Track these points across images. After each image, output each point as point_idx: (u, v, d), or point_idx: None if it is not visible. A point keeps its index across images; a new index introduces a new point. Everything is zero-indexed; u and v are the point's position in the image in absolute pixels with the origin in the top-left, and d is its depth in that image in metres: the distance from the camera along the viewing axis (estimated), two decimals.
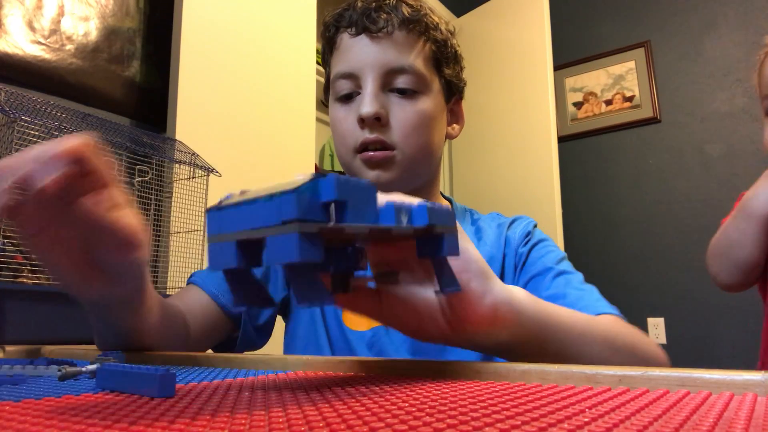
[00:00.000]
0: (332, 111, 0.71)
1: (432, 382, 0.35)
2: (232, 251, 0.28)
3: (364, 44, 0.67)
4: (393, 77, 0.66)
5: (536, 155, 2.60)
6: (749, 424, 0.20)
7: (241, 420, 0.21)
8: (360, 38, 0.67)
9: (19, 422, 0.21)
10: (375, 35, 0.66)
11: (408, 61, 0.66)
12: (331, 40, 0.71)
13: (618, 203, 2.83)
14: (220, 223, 0.28)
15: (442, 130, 0.73)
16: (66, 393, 0.29)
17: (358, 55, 0.67)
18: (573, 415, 0.22)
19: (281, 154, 1.74)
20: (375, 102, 0.65)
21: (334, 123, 0.70)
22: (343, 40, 0.69)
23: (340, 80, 0.68)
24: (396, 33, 0.66)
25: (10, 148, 0.91)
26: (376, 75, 0.66)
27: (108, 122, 1.12)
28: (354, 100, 0.68)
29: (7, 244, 0.88)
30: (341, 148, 0.70)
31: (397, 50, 0.66)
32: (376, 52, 0.66)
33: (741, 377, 0.30)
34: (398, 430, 0.19)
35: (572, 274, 0.65)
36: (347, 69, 0.67)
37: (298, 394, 0.29)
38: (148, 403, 0.25)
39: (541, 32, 2.65)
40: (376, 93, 0.65)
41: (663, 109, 2.78)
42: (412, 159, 0.67)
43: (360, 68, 0.66)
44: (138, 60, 1.53)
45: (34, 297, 0.83)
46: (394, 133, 0.66)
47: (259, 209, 0.27)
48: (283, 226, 0.26)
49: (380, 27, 0.66)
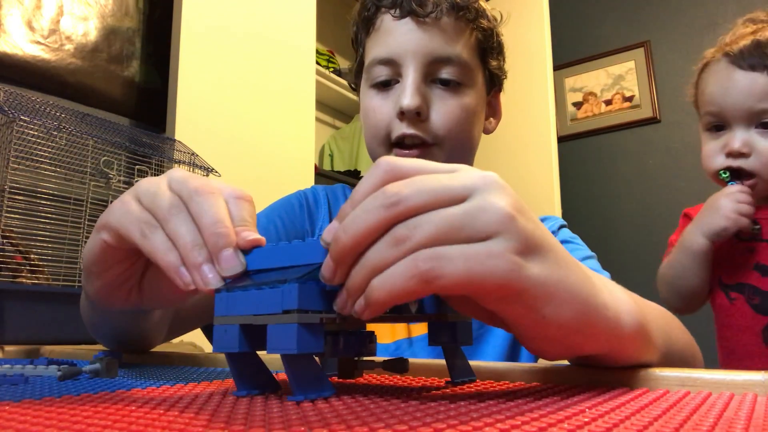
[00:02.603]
0: (365, 98, 0.66)
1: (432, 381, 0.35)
2: (235, 334, 0.28)
3: (408, 29, 0.61)
4: (437, 67, 0.61)
5: (536, 155, 2.60)
6: (749, 424, 0.20)
7: (240, 420, 0.21)
8: (404, 21, 0.62)
9: (19, 422, 0.21)
10: (421, 20, 0.61)
11: (455, 51, 0.61)
12: (369, 20, 0.65)
13: (618, 203, 2.83)
14: (227, 305, 0.28)
15: (482, 124, 0.68)
16: (66, 393, 0.29)
17: (400, 40, 0.61)
18: (573, 415, 0.22)
19: (281, 154, 1.74)
20: (417, 95, 0.60)
21: (366, 111, 0.65)
22: (384, 21, 0.63)
23: (378, 66, 0.63)
24: (444, 19, 0.61)
25: (9, 148, 0.91)
26: (420, 64, 0.61)
27: (107, 122, 1.12)
28: (392, 88, 0.63)
29: (7, 244, 0.88)
30: (372, 140, 0.65)
31: (444, 38, 0.61)
32: (422, 38, 0.61)
33: (741, 377, 0.30)
34: (398, 430, 0.19)
35: (600, 272, 0.64)
36: (388, 54, 0.62)
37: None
38: (148, 403, 0.25)
39: (540, 32, 2.64)
40: (419, 84, 0.60)
41: (663, 109, 2.78)
42: (451, 156, 0.62)
43: (402, 55, 0.61)
44: (137, 60, 1.53)
45: (34, 297, 0.83)
46: (435, 127, 0.61)
47: (264, 295, 0.27)
48: (283, 315, 0.26)
49: (428, 11, 0.60)
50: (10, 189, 0.90)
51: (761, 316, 0.83)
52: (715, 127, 0.87)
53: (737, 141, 0.83)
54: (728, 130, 0.85)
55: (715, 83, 0.86)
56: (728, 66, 0.84)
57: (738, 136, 0.83)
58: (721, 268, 0.87)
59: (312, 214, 0.70)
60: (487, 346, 0.65)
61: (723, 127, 0.86)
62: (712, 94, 0.86)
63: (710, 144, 0.88)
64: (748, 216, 0.81)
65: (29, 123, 0.93)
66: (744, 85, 0.82)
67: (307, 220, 0.70)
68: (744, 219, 0.81)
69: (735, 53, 0.82)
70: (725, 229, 0.81)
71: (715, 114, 0.86)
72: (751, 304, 0.84)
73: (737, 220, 0.80)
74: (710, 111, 0.86)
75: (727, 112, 0.84)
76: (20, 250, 0.90)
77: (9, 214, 0.91)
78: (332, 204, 0.72)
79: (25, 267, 0.90)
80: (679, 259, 0.87)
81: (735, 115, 0.83)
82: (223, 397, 0.28)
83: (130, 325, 0.47)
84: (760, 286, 0.84)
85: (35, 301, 0.82)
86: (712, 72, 0.87)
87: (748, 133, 0.83)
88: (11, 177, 0.91)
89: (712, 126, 0.87)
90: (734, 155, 0.83)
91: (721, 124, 0.86)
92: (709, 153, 0.88)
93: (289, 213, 0.69)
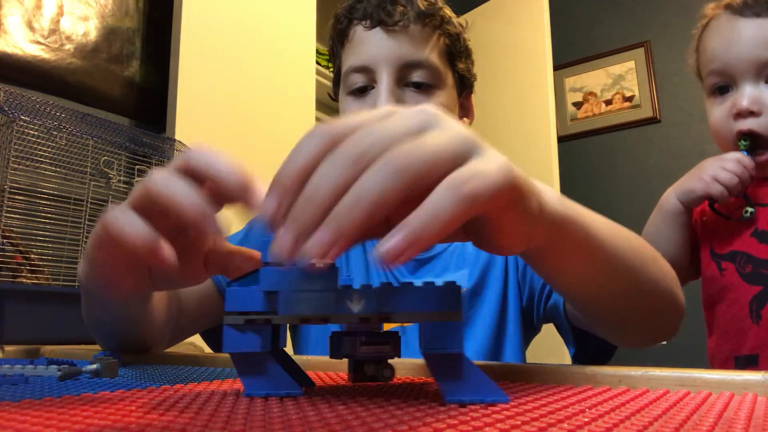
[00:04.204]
0: (344, 105, 0.70)
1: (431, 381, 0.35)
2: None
3: (379, 38, 0.65)
4: (408, 71, 0.65)
5: (536, 155, 2.60)
6: (749, 424, 0.20)
7: (240, 419, 0.21)
8: (375, 31, 0.66)
9: (19, 422, 0.21)
10: (390, 29, 0.65)
11: (424, 55, 0.65)
12: (343, 32, 0.70)
13: (618, 203, 2.83)
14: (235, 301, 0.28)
15: None
16: (66, 393, 0.29)
17: (372, 49, 0.66)
18: (573, 415, 0.22)
19: (281, 154, 1.72)
20: (391, 98, 0.64)
21: None
22: (356, 32, 0.68)
23: (354, 74, 0.67)
24: (412, 26, 0.65)
25: (9, 147, 0.91)
26: (392, 69, 0.65)
27: (107, 122, 1.12)
28: (368, 94, 0.67)
29: (7, 244, 0.88)
30: None
31: (413, 44, 0.65)
32: (392, 45, 0.65)
33: (741, 377, 0.30)
34: (398, 430, 0.19)
35: None
36: (361, 62, 0.66)
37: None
38: (148, 403, 0.25)
39: (540, 32, 2.64)
40: (392, 88, 0.64)
41: (663, 109, 2.78)
42: None
43: (375, 62, 0.65)
44: (137, 60, 1.53)
45: (34, 297, 0.83)
46: None
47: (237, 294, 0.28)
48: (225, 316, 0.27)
49: (396, 20, 0.65)
50: (10, 189, 0.90)
51: (750, 286, 0.74)
52: (719, 89, 0.76)
53: (745, 98, 0.72)
54: (735, 89, 0.75)
55: (718, 37, 0.76)
56: (731, 17, 0.75)
57: (746, 92, 0.73)
58: (714, 237, 0.78)
59: None
60: (475, 329, 0.66)
61: (729, 88, 0.76)
62: (714, 50, 0.76)
63: (717, 110, 0.77)
64: (730, 187, 0.72)
65: (29, 123, 0.93)
66: (749, 34, 0.72)
67: None
68: (717, 186, 0.72)
69: (737, 3, 0.74)
70: (693, 191, 0.74)
71: (719, 71, 0.75)
72: (741, 273, 0.75)
73: (709, 185, 0.72)
74: (713, 69, 0.76)
75: (732, 66, 0.74)
76: (20, 250, 0.90)
77: (9, 214, 0.91)
78: None
79: (25, 267, 0.90)
80: (653, 221, 0.80)
81: (741, 68, 0.73)
82: (223, 397, 0.28)
83: (133, 326, 0.46)
84: (755, 253, 0.75)
85: (35, 301, 0.82)
86: (713, 28, 0.78)
87: (757, 88, 0.73)
88: (11, 177, 0.91)
89: (716, 88, 0.77)
90: (743, 115, 0.73)
91: (726, 84, 0.76)
92: (717, 121, 0.77)
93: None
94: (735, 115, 0.74)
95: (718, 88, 0.76)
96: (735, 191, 0.72)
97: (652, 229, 0.81)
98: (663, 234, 0.79)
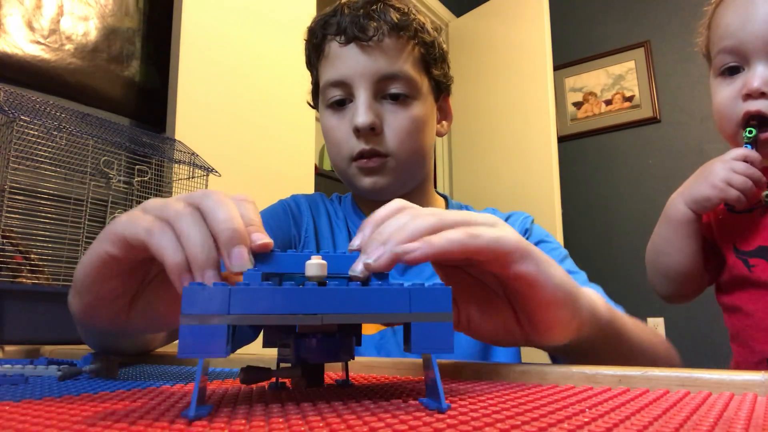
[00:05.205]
0: (324, 118, 0.71)
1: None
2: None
3: (354, 53, 0.66)
4: (385, 84, 0.66)
5: (536, 155, 2.60)
6: (749, 424, 0.20)
7: (240, 420, 0.21)
8: (350, 47, 0.66)
9: (19, 422, 0.21)
10: (365, 44, 0.65)
11: (399, 67, 0.66)
12: (318, 46, 0.71)
13: (618, 203, 2.83)
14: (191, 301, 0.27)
15: (433, 130, 0.73)
16: (66, 393, 0.29)
17: (348, 64, 0.66)
18: (573, 415, 0.22)
19: (281, 153, 1.74)
20: (369, 112, 0.64)
21: (326, 130, 0.70)
22: (331, 47, 0.68)
23: (331, 88, 0.68)
24: (386, 40, 0.66)
25: (9, 147, 0.91)
26: (369, 83, 0.65)
27: (107, 122, 1.12)
28: (346, 107, 0.68)
29: (7, 244, 0.88)
30: (336, 156, 0.70)
31: (388, 57, 0.66)
32: (367, 60, 0.65)
33: (741, 377, 0.30)
34: (398, 430, 0.19)
35: (576, 273, 0.64)
36: (338, 77, 0.67)
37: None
38: (148, 404, 0.25)
39: (540, 32, 2.64)
40: (370, 102, 0.65)
41: (663, 109, 2.78)
42: (406, 163, 0.67)
43: (351, 77, 0.66)
44: (137, 60, 1.53)
45: (34, 297, 0.83)
46: (389, 140, 0.66)
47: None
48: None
49: (370, 35, 0.65)
50: (10, 189, 0.90)
51: None
52: (729, 70, 0.71)
53: (757, 78, 0.67)
54: (747, 69, 0.70)
55: (734, 12, 0.70)
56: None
57: (758, 72, 0.68)
58: (736, 234, 0.73)
59: (297, 219, 0.74)
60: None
61: (739, 69, 0.71)
62: (728, 26, 0.70)
63: (724, 90, 0.72)
64: (743, 190, 0.68)
65: (29, 123, 0.93)
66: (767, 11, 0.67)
67: (293, 226, 0.73)
68: (733, 191, 0.68)
69: None
70: (708, 199, 0.70)
71: (732, 50, 0.70)
72: None
73: (724, 191, 0.68)
74: (725, 47, 0.71)
75: (747, 44, 0.68)
76: (20, 250, 0.90)
77: (9, 214, 0.91)
78: (314, 211, 0.75)
79: (25, 267, 0.90)
80: (660, 232, 0.76)
81: (757, 46, 0.68)
82: (222, 397, 0.28)
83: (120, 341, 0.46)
84: None
85: (35, 301, 0.82)
86: (728, 3, 0.72)
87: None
88: (11, 177, 0.91)
89: (726, 69, 0.72)
90: (754, 96, 0.68)
91: (737, 65, 0.71)
92: (723, 101, 0.72)
93: (277, 220, 0.72)
94: (745, 96, 0.69)
95: (728, 69, 0.71)
96: (750, 194, 0.68)
97: (661, 240, 0.77)
98: (675, 245, 0.75)
